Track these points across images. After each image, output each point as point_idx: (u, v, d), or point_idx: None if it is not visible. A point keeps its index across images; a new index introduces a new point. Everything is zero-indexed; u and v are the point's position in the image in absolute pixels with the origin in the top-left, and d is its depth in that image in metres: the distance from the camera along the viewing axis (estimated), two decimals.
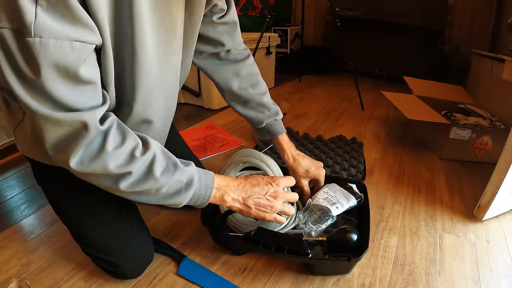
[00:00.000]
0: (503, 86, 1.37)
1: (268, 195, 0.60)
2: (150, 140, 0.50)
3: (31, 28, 0.35)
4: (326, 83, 2.51)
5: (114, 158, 0.44)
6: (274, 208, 0.61)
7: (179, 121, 1.62)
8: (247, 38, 1.93)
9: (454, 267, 0.72)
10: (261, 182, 0.61)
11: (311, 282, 0.67)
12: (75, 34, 0.38)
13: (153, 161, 0.47)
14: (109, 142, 0.44)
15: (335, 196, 0.81)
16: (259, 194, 0.60)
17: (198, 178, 0.53)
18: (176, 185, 0.50)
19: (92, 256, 0.65)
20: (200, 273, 0.69)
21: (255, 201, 0.59)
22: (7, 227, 0.84)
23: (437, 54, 2.34)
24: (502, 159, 0.82)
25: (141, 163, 0.46)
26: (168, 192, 0.50)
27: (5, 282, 0.66)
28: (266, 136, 0.84)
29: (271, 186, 0.61)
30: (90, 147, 0.44)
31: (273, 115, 0.81)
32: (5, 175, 1.10)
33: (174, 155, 0.53)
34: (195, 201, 0.55)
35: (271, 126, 0.82)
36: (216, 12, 0.70)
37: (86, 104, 0.43)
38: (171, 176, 0.49)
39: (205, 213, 0.77)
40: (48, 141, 0.44)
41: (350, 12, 2.58)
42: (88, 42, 0.40)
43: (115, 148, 0.45)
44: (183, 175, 0.50)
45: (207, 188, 0.54)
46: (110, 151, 0.44)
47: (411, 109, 1.30)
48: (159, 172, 0.47)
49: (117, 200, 0.66)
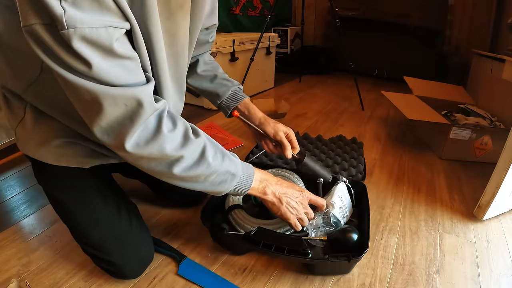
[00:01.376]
0: (503, 86, 1.37)
1: (298, 200, 0.66)
2: (197, 127, 0.51)
3: (63, 21, 0.35)
4: (326, 83, 2.51)
5: (170, 140, 0.45)
6: (299, 212, 0.66)
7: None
8: (247, 38, 1.93)
9: (454, 267, 0.72)
10: (295, 187, 0.67)
11: (311, 282, 0.67)
12: (107, 21, 0.38)
13: (205, 146, 0.49)
14: (164, 123, 0.45)
15: (345, 205, 0.80)
16: (292, 195, 0.65)
17: (242, 169, 0.55)
18: (224, 174, 0.52)
19: (92, 255, 0.65)
20: (200, 273, 0.69)
21: (287, 200, 0.64)
22: (7, 227, 0.84)
23: (437, 54, 2.34)
24: (502, 159, 0.82)
25: (195, 146, 0.47)
26: (216, 180, 0.52)
27: (5, 282, 0.66)
28: (231, 104, 0.82)
29: (301, 194, 0.67)
30: (147, 128, 0.44)
31: (236, 84, 0.84)
32: (5, 175, 1.10)
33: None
34: (236, 190, 0.57)
35: (236, 93, 0.83)
36: (212, 28, 0.77)
37: (134, 79, 0.43)
38: (220, 164, 0.51)
39: (205, 213, 0.77)
40: (102, 126, 0.43)
41: (350, 12, 2.58)
42: (120, 27, 0.40)
43: (170, 131, 0.45)
44: (231, 164, 0.53)
45: (248, 179, 0.57)
46: (166, 133, 0.45)
47: (411, 109, 1.30)
48: (211, 157, 0.49)
49: (117, 199, 0.67)
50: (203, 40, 0.78)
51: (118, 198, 0.67)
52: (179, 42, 0.57)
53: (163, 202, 0.92)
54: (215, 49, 1.70)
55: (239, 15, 2.47)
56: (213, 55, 1.71)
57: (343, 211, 0.78)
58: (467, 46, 2.18)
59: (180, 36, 0.56)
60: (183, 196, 0.88)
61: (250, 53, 1.89)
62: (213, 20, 0.74)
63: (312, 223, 0.74)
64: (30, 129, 0.56)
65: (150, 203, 0.93)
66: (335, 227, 0.74)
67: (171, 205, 0.91)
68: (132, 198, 0.79)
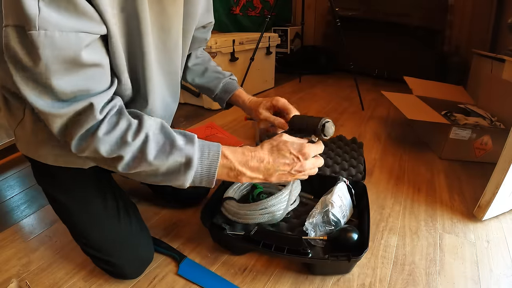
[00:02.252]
0: (503, 86, 1.36)
1: (293, 171, 0.54)
2: (145, 120, 0.47)
3: (36, 22, 0.35)
4: (326, 83, 2.51)
5: (104, 143, 0.44)
6: (297, 176, 0.56)
7: (179, 121, 1.62)
8: (247, 38, 1.93)
9: (454, 267, 0.72)
10: (287, 157, 0.54)
11: (311, 282, 0.67)
12: (80, 25, 0.38)
13: (146, 143, 0.45)
14: (102, 127, 0.44)
15: (345, 205, 0.80)
16: (283, 171, 0.54)
17: (198, 158, 0.48)
18: (174, 166, 0.47)
19: (92, 256, 0.65)
20: (200, 273, 0.69)
21: (278, 177, 0.54)
22: (7, 227, 0.84)
23: (437, 54, 2.34)
24: (502, 159, 0.82)
25: (132, 147, 0.45)
26: (168, 172, 0.48)
27: (5, 282, 0.66)
28: (225, 96, 0.80)
29: (298, 162, 0.54)
30: (86, 132, 0.43)
31: (228, 75, 0.82)
32: (5, 175, 1.10)
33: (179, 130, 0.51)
34: (200, 182, 0.50)
35: (229, 84, 0.81)
36: (209, 27, 0.77)
37: (94, 88, 0.43)
38: (166, 158, 0.46)
39: (205, 213, 0.77)
40: (54, 128, 0.43)
41: (350, 12, 2.58)
42: (93, 33, 0.40)
43: (106, 133, 0.44)
44: (180, 155, 0.47)
45: (210, 168, 0.49)
46: (101, 136, 0.43)
47: (411, 109, 1.30)
48: (152, 154, 0.45)
49: (117, 199, 0.67)
50: (200, 38, 0.78)
51: (117, 198, 0.67)
52: (172, 39, 0.57)
53: (163, 202, 0.92)
54: (215, 49, 1.69)
55: (239, 15, 2.47)
56: (213, 55, 1.71)
57: (343, 211, 0.78)
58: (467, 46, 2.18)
59: (173, 32, 0.56)
60: (183, 196, 0.88)
61: (250, 53, 1.89)
62: (209, 18, 0.74)
63: (312, 222, 0.74)
64: (30, 130, 0.56)
65: (150, 203, 0.92)
66: (335, 227, 0.74)
67: (171, 205, 0.91)
68: (132, 198, 0.79)
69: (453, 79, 1.99)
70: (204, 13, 0.70)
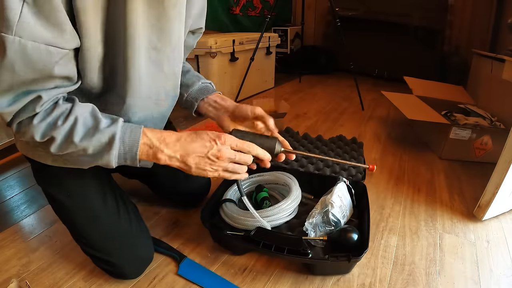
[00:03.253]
0: (503, 86, 1.36)
1: (210, 154, 0.54)
2: (76, 104, 0.50)
3: (14, 27, 0.35)
4: (326, 83, 2.51)
5: (38, 130, 0.47)
6: (218, 167, 0.56)
7: (179, 121, 1.62)
8: (247, 38, 1.93)
9: (454, 267, 0.72)
10: (204, 138, 0.54)
11: (311, 282, 0.67)
12: (53, 39, 0.39)
13: (74, 126, 0.48)
14: (38, 116, 0.46)
15: (345, 205, 0.80)
16: (200, 153, 0.54)
17: (120, 137, 0.50)
18: (99, 146, 0.49)
19: (92, 256, 0.65)
20: (200, 273, 0.69)
21: (195, 160, 0.54)
22: (7, 227, 0.84)
23: (437, 54, 2.34)
24: (502, 159, 0.82)
25: (62, 131, 0.48)
26: (94, 153, 0.50)
27: (5, 282, 0.66)
28: (199, 96, 0.72)
29: (214, 144, 0.54)
30: (26, 119, 0.47)
31: (209, 81, 0.76)
32: (5, 175, 1.10)
33: (107, 112, 0.53)
34: (125, 160, 0.52)
35: (207, 87, 0.74)
36: (198, 33, 0.74)
37: (47, 84, 0.45)
38: (91, 138, 0.49)
39: (205, 213, 0.77)
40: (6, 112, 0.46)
41: (350, 12, 2.58)
42: (64, 48, 0.41)
43: (41, 121, 0.47)
44: (103, 135, 0.49)
45: (132, 146, 0.51)
46: (35, 124, 0.46)
47: (411, 109, 1.30)
48: (79, 136, 0.48)
49: (116, 199, 0.67)
50: (189, 44, 0.74)
51: (117, 198, 0.67)
52: (172, 42, 0.56)
53: (163, 202, 0.92)
54: (215, 49, 1.69)
55: (239, 15, 2.47)
56: (213, 55, 1.71)
57: (343, 211, 0.78)
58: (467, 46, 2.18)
59: (174, 37, 0.56)
60: (183, 196, 0.88)
61: (250, 53, 1.89)
62: (201, 23, 0.71)
63: (312, 222, 0.74)
64: None
65: (150, 203, 0.93)
66: (335, 227, 0.74)
67: (171, 205, 0.91)
68: (132, 198, 0.79)
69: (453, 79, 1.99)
70: (197, 17, 0.68)
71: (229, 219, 0.77)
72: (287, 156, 0.65)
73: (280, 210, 0.76)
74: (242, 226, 0.74)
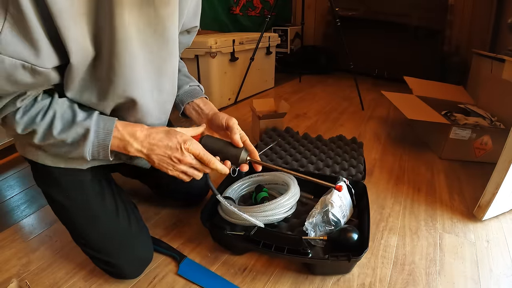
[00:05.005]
0: (503, 86, 1.36)
1: (173, 157, 0.58)
2: (55, 99, 0.53)
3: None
4: (326, 83, 2.52)
5: (19, 125, 0.51)
6: (177, 168, 0.60)
7: (179, 121, 1.62)
8: (247, 38, 1.93)
9: (454, 267, 0.72)
10: (171, 140, 0.58)
11: (311, 282, 0.67)
12: (30, 57, 0.40)
13: (53, 120, 0.52)
14: (19, 112, 0.50)
15: (345, 205, 0.80)
16: (164, 153, 0.58)
17: (95, 130, 0.54)
18: (76, 137, 0.53)
19: (91, 256, 0.65)
20: (200, 273, 0.69)
21: (159, 157, 0.58)
22: (7, 227, 0.84)
23: (437, 54, 2.34)
24: (502, 159, 0.82)
25: (41, 126, 0.52)
26: (72, 144, 0.54)
27: (5, 282, 0.66)
28: (186, 99, 0.73)
29: (178, 149, 0.57)
30: (8, 115, 0.50)
31: (197, 83, 0.77)
32: (5, 175, 1.10)
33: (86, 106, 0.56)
34: (98, 153, 0.56)
35: (195, 90, 0.75)
36: (193, 31, 0.74)
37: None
38: (69, 131, 0.53)
39: (205, 213, 0.77)
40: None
41: (350, 12, 2.58)
42: (40, 66, 0.42)
43: (21, 117, 0.50)
44: (79, 128, 0.53)
45: (105, 139, 0.55)
46: (17, 120, 0.50)
47: (411, 109, 1.30)
48: (57, 130, 0.52)
49: (116, 200, 0.67)
50: (184, 43, 0.74)
51: (117, 198, 0.67)
52: (168, 42, 0.56)
53: (163, 202, 0.92)
54: (215, 49, 1.69)
55: (239, 15, 2.47)
56: (213, 55, 1.71)
57: (343, 211, 0.78)
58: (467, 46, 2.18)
59: (169, 36, 0.56)
60: (183, 196, 0.88)
61: (250, 53, 1.89)
62: (195, 22, 0.71)
63: (312, 221, 0.74)
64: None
65: (150, 203, 0.93)
66: (335, 227, 0.74)
67: (171, 205, 0.91)
68: (132, 198, 0.79)
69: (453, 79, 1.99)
70: (191, 16, 0.67)
71: (227, 215, 0.76)
72: (254, 167, 0.67)
73: (278, 205, 0.75)
74: (240, 221, 0.74)
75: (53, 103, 0.52)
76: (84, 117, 0.54)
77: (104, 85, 0.52)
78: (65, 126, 0.53)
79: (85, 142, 0.53)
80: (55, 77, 0.47)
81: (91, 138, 0.53)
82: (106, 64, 0.49)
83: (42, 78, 0.44)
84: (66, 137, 0.53)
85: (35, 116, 0.51)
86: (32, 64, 0.41)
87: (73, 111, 0.54)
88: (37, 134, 0.52)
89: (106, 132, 0.55)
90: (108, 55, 0.48)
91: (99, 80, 0.51)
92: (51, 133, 0.52)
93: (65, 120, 0.53)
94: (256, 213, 0.74)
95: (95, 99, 0.54)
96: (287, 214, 0.79)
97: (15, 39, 0.38)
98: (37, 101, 0.52)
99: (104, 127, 0.55)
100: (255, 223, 0.71)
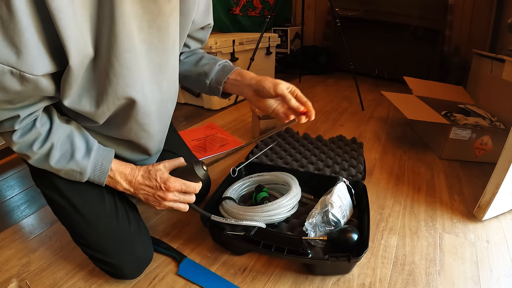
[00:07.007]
0: (503, 86, 1.37)
1: (156, 195, 0.62)
2: (54, 128, 0.54)
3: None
4: (326, 83, 2.52)
5: (16, 145, 0.53)
6: (163, 204, 0.64)
7: (179, 121, 1.62)
8: (247, 38, 1.93)
9: (454, 267, 0.72)
10: (152, 181, 0.62)
11: (311, 282, 0.67)
12: (18, 64, 0.39)
13: (50, 151, 0.54)
14: (16, 133, 0.51)
15: (345, 205, 0.80)
16: (148, 192, 0.63)
17: (91, 171, 0.58)
18: (71, 172, 0.57)
19: (91, 256, 0.65)
20: (200, 273, 0.69)
21: (144, 195, 0.63)
22: (7, 227, 0.84)
23: (437, 54, 2.34)
24: (502, 159, 0.82)
25: (37, 154, 0.54)
26: (67, 174, 0.58)
27: (5, 282, 0.66)
28: (221, 78, 0.72)
29: (159, 190, 0.62)
30: (5, 132, 0.52)
31: (225, 61, 0.76)
32: (5, 175, 1.10)
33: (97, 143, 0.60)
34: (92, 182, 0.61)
35: (225, 66, 0.74)
36: (207, 28, 0.75)
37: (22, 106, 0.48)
38: (65, 165, 0.56)
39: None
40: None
41: (350, 12, 2.58)
42: (29, 73, 0.40)
43: (19, 138, 0.52)
44: (77, 166, 0.56)
45: (100, 177, 0.60)
46: (15, 140, 0.52)
47: (411, 109, 1.30)
48: (54, 161, 0.55)
49: (115, 200, 0.67)
50: (198, 39, 0.76)
51: (116, 198, 0.67)
52: (170, 39, 0.56)
53: None
54: (215, 49, 1.69)
55: (239, 15, 2.47)
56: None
57: (343, 211, 0.78)
58: (467, 46, 2.18)
59: (171, 32, 0.56)
60: None
61: (250, 53, 1.89)
62: (208, 20, 0.72)
63: (312, 222, 0.74)
64: None
65: None
66: (335, 227, 0.74)
67: None
68: (132, 198, 0.79)
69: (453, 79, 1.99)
70: (203, 14, 0.68)
71: (229, 215, 0.76)
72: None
73: (279, 206, 0.76)
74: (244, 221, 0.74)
75: (52, 132, 0.54)
76: (83, 155, 0.57)
77: (103, 87, 0.50)
78: (63, 160, 0.55)
79: (80, 177, 0.58)
80: (46, 86, 0.45)
81: (86, 176, 0.58)
82: (105, 64, 0.48)
83: (31, 86, 0.42)
84: (61, 168, 0.56)
85: (32, 142, 0.53)
86: (20, 70, 0.39)
87: (73, 143, 0.56)
88: (32, 159, 0.55)
89: (101, 171, 0.59)
90: (108, 54, 0.47)
91: (98, 82, 0.50)
92: (47, 162, 0.55)
93: (63, 152, 0.56)
94: (258, 213, 0.74)
95: (93, 105, 0.52)
96: (289, 214, 0.79)
97: (3, 43, 0.37)
98: (36, 126, 0.52)
99: (101, 168, 0.59)
100: (256, 226, 0.72)
